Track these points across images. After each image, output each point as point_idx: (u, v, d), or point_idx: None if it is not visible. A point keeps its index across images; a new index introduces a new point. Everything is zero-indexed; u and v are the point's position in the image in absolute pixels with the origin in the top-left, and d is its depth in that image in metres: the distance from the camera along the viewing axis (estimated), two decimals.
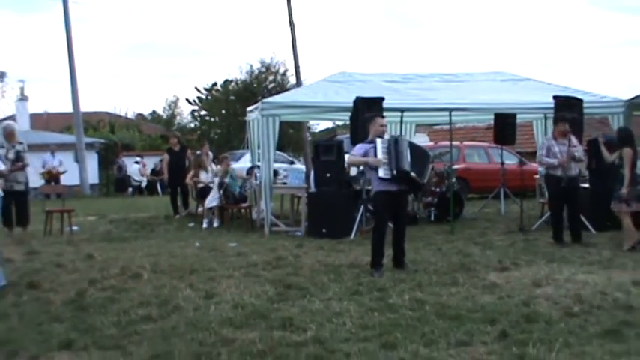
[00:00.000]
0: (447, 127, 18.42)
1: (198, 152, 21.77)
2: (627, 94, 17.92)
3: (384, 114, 15.19)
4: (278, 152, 30.59)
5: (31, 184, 16.98)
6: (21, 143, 16.14)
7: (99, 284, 10.70)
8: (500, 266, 11.73)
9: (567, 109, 15.98)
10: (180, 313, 8.82)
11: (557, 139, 14.45)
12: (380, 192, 11.54)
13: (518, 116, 18.80)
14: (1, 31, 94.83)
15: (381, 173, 11.28)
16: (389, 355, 6.82)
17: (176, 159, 21.77)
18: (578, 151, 14.41)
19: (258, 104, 17.73)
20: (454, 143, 20.33)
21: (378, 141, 11.43)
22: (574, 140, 14.39)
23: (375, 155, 11.31)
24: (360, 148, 11.85)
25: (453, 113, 17.35)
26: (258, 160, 18.04)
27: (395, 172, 11.22)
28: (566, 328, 7.73)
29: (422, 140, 29.89)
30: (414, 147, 11.79)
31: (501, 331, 7.56)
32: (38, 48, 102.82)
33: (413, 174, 11.39)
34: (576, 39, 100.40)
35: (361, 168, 11.94)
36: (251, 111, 19.19)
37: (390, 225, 11.79)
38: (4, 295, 10.09)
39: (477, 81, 20.23)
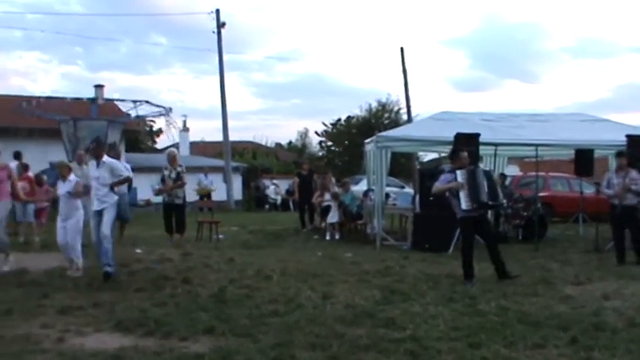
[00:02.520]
0: (535, 159, 18.18)
1: (323, 176, 21.91)
2: None
3: (480, 147, 15.19)
4: (391, 177, 30.61)
5: (188, 199, 17.37)
6: (180, 166, 16.69)
7: (237, 283, 10.90)
8: (576, 281, 11.47)
9: (637, 146, 15.61)
10: (301, 310, 8.90)
11: (617, 172, 14.11)
12: (463, 218, 11.46)
13: (595, 151, 18.42)
14: (169, 76, 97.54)
15: (464, 206, 11.24)
16: (474, 354, 6.75)
17: (305, 181, 21.99)
18: (637, 184, 13.96)
19: (374, 137, 17.82)
20: (540, 173, 20.09)
21: (458, 172, 11.37)
22: (633, 174, 13.99)
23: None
24: (444, 179, 11.74)
25: (539, 148, 17.23)
26: (373, 184, 18.10)
27: (476, 205, 11.19)
28: (628, 336, 7.51)
29: (513, 170, 29.56)
30: (486, 172, 11.80)
31: (572, 337, 7.39)
32: (200, 89, 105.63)
33: (490, 202, 11.36)
34: None
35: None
36: (368, 143, 19.28)
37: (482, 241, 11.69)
38: (163, 287, 10.45)
39: (559, 121, 19.90)
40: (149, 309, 8.87)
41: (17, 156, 18.23)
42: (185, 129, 43.64)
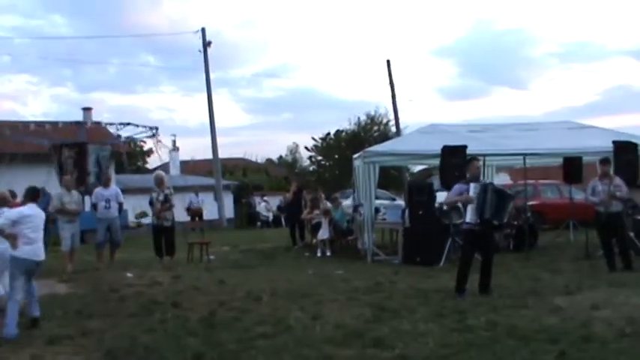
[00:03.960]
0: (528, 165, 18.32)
1: (312, 196, 21.91)
2: None
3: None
4: (381, 190, 30.68)
5: (179, 219, 17.43)
6: (168, 188, 16.80)
7: (227, 305, 10.88)
8: (566, 291, 11.45)
9: (624, 152, 15.73)
10: (290, 332, 8.86)
11: (601, 179, 14.15)
12: (467, 230, 11.46)
13: (584, 158, 18.49)
14: (158, 95, 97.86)
15: (468, 218, 11.24)
16: None
17: (294, 199, 22.02)
18: (621, 190, 14.02)
19: (362, 153, 17.88)
20: (530, 181, 20.13)
21: (472, 185, 11.34)
22: (617, 180, 14.07)
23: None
24: (457, 189, 11.70)
25: (527, 157, 17.32)
26: (363, 199, 18.12)
27: (479, 220, 11.18)
28: (618, 348, 7.50)
29: (503, 179, 29.58)
30: (499, 191, 11.66)
31: (561, 350, 7.36)
32: (189, 107, 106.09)
33: (495, 222, 11.36)
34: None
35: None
36: (356, 158, 19.32)
37: (478, 257, 11.70)
38: (153, 312, 10.42)
39: (546, 129, 19.97)
40: (139, 336, 8.81)
41: None
42: (175, 148, 43.63)
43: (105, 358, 7.86)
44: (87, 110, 33.15)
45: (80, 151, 26.10)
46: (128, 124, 28.36)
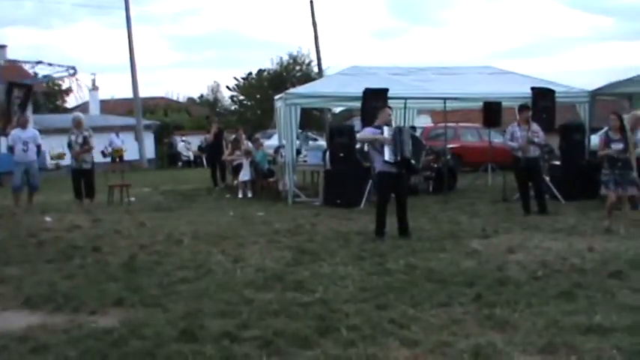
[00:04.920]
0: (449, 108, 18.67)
1: (234, 136, 21.77)
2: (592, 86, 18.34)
3: (390, 101, 15.38)
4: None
5: (99, 160, 17.18)
6: (87, 130, 16.49)
7: (148, 249, 10.83)
8: (483, 234, 11.76)
9: (542, 99, 16.04)
10: (212, 275, 8.89)
11: (520, 125, 14.40)
12: (382, 172, 11.53)
13: (503, 103, 18.80)
14: (77, 31, 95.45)
15: (387, 157, 11.25)
16: (381, 315, 6.82)
17: (215, 140, 21.87)
18: (539, 136, 14.33)
19: (283, 94, 17.84)
20: (451, 124, 20.37)
21: (386, 128, 11.41)
22: (535, 126, 14.34)
23: None
24: (369, 131, 11.79)
25: (447, 101, 17.57)
26: (284, 141, 18.10)
27: (399, 157, 11.24)
28: (530, 290, 7.73)
29: (425, 121, 29.95)
30: (413, 137, 11.79)
31: (477, 293, 7.55)
32: (109, 43, 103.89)
33: (413, 161, 11.48)
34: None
35: (366, 148, 11.92)
36: (277, 99, 19.27)
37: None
38: (73, 257, 10.27)
39: (468, 74, 20.17)
40: (58, 282, 8.70)
41: None
42: (94, 87, 42.61)
43: (23, 305, 7.70)
44: (1, 48, 32.12)
45: None
46: (43, 62, 27.71)
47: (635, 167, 11.85)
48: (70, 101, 51.60)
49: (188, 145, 39.61)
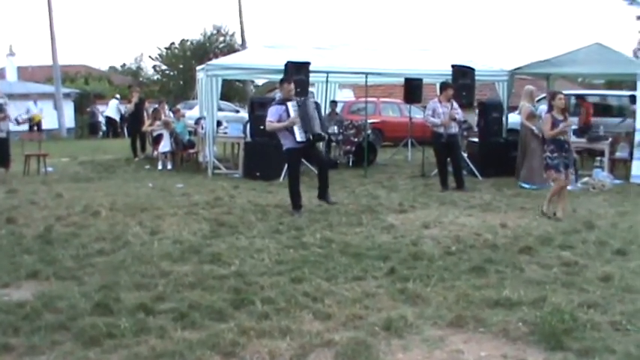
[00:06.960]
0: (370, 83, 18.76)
1: (155, 106, 21.50)
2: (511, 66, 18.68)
3: (312, 75, 15.41)
4: (225, 102, 30.51)
5: (15, 128, 16.78)
6: (2, 97, 16.10)
7: (64, 221, 10.63)
8: (400, 209, 11.87)
9: (462, 76, 16.23)
10: (128, 248, 8.79)
11: (442, 102, 14.59)
12: (290, 149, 11.43)
13: (424, 80, 19.03)
14: None
15: (299, 137, 11.20)
16: (296, 289, 6.86)
17: (135, 110, 21.59)
18: (459, 113, 14.64)
19: (204, 65, 17.68)
20: (372, 99, 20.47)
21: (289, 104, 11.31)
22: (455, 104, 14.63)
23: (288, 115, 11.23)
24: (274, 113, 11.44)
25: (369, 76, 17.66)
26: (205, 112, 17.96)
27: (311, 136, 11.27)
28: (443, 265, 7.88)
29: (347, 95, 29.98)
30: (316, 105, 11.97)
31: (391, 267, 7.66)
32: (28, 8, 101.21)
33: (324, 134, 11.54)
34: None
35: None
36: (199, 70, 19.09)
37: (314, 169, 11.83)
38: None
39: (390, 50, 20.26)
40: None
41: None
42: (11, 53, 41.57)
43: None
44: None
45: None
46: None
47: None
48: None
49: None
